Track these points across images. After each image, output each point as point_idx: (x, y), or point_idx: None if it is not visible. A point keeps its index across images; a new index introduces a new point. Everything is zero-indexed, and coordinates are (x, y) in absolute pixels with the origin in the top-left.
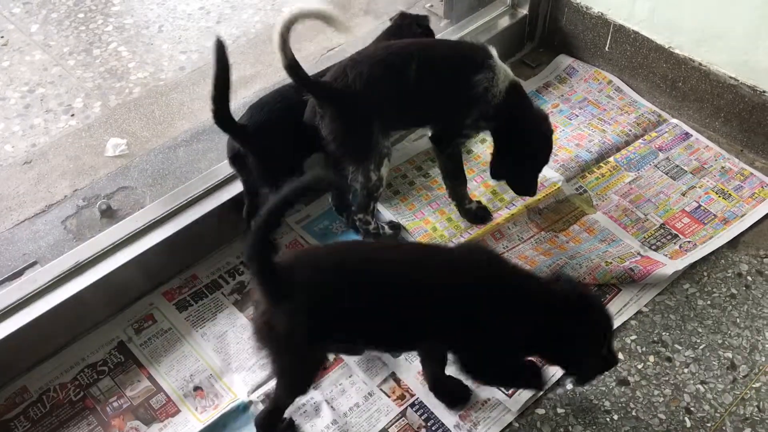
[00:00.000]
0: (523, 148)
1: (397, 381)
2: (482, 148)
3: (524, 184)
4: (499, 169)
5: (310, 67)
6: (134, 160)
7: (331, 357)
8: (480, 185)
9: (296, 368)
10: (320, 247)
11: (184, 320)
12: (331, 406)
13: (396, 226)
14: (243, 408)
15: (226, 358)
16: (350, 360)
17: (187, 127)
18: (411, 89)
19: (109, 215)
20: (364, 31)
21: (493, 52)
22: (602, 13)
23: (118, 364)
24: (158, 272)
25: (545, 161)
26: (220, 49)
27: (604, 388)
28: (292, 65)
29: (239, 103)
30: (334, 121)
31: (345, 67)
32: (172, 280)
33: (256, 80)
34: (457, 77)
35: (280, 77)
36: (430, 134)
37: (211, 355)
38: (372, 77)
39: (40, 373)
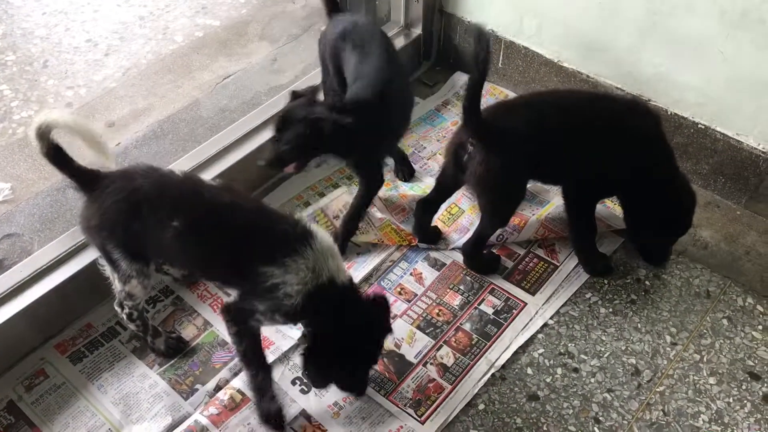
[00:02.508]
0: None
1: (308, 417)
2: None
3: (350, 383)
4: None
5: (205, 96)
6: (20, 205)
7: (238, 398)
8: None
9: (505, 202)
10: (516, 100)
11: (79, 373)
12: None
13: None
14: None
15: (126, 409)
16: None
17: None
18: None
19: None
20: (260, 57)
21: (309, 247)
22: (493, 30)
23: (8, 426)
24: (49, 323)
25: (373, 360)
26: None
27: (515, 405)
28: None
29: (131, 137)
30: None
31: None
32: (64, 331)
33: (150, 113)
34: (238, 258)
35: (175, 108)
36: None
37: (109, 408)
38: (110, 216)
39: None
